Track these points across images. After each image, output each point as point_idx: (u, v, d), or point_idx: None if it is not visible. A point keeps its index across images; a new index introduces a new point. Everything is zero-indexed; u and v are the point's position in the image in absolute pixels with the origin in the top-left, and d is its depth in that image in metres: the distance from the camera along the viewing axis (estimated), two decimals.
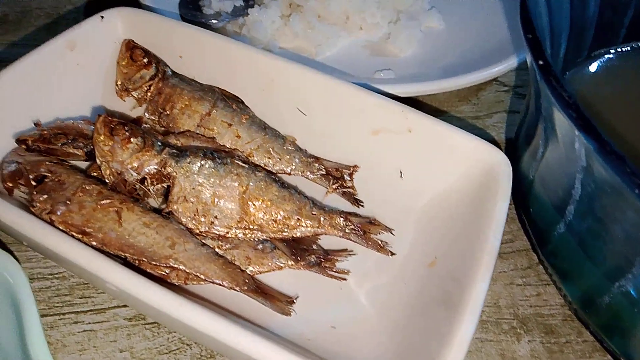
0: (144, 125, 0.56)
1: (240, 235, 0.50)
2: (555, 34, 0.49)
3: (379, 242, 0.51)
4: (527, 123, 0.51)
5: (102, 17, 0.58)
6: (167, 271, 0.46)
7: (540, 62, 0.35)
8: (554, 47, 0.50)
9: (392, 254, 0.51)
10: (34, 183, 0.47)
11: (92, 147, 0.50)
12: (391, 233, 0.52)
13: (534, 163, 0.48)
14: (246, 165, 0.51)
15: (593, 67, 0.56)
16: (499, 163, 0.47)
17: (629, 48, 0.59)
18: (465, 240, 0.46)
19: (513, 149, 0.57)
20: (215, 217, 0.50)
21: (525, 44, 0.38)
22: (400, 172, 0.54)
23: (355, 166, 0.56)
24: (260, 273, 0.49)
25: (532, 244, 0.55)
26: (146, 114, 0.57)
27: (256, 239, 0.50)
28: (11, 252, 0.53)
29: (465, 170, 0.50)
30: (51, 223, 0.44)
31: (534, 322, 0.52)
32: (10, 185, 0.47)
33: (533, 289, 0.54)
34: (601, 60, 0.57)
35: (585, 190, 0.38)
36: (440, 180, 0.52)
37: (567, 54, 0.53)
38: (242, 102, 0.58)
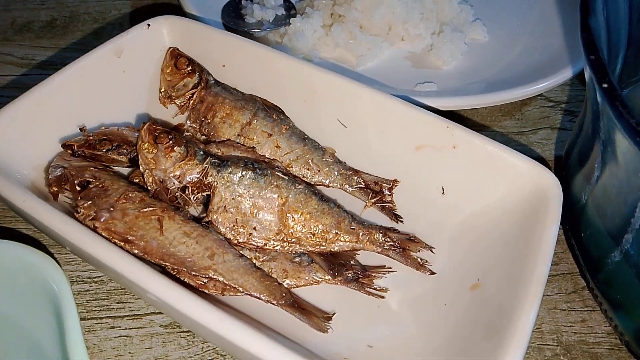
0: (186, 133, 0.56)
1: (278, 247, 0.50)
2: (612, 52, 0.47)
3: (419, 260, 0.50)
4: (581, 143, 0.49)
5: (148, 25, 0.58)
6: (205, 281, 0.46)
7: (605, 85, 0.34)
8: (610, 66, 0.48)
9: (432, 273, 0.50)
10: (78, 188, 0.48)
11: (135, 154, 0.50)
12: (431, 251, 0.51)
13: (587, 186, 0.46)
14: (286, 177, 0.51)
15: None
16: (550, 185, 0.45)
17: None
18: (511, 264, 0.44)
19: (563, 169, 0.55)
20: (254, 228, 0.49)
21: (587, 65, 0.37)
22: (443, 188, 0.53)
23: (395, 180, 0.55)
24: (297, 287, 0.49)
25: (580, 269, 0.52)
26: (188, 122, 0.57)
27: (294, 252, 0.50)
28: (51, 254, 0.54)
29: (512, 190, 0.48)
30: (94, 229, 0.45)
31: (578, 350, 0.49)
32: (56, 190, 0.48)
33: (578, 314, 0.52)
34: None
35: None
36: (484, 199, 0.50)
37: (623, 73, 0.51)
38: (283, 113, 0.58)
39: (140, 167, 0.49)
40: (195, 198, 0.50)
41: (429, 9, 0.76)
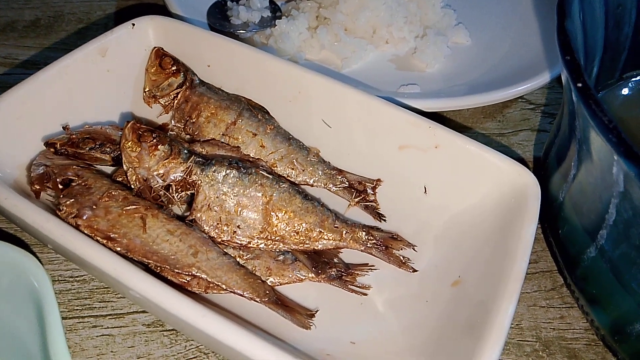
0: (170, 132, 0.56)
1: (262, 245, 0.50)
2: (589, 55, 0.48)
3: (401, 257, 0.51)
4: (559, 143, 0.50)
5: (133, 24, 0.58)
6: (188, 279, 0.46)
7: (579, 85, 0.35)
8: (587, 68, 0.49)
9: (414, 270, 0.50)
10: (61, 186, 0.48)
11: (119, 152, 0.50)
12: (413, 249, 0.52)
13: (564, 184, 0.48)
14: (270, 176, 0.51)
15: (625, 90, 0.55)
16: (528, 184, 0.46)
17: None
18: (491, 261, 0.45)
19: (542, 169, 0.57)
20: (238, 227, 0.49)
21: (563, 66, 0.38)
22: (425, 188, 0.53)
23: (378, 180, 0.56)
24: (281, 284, 0.49)
25: (558, 267, 0.53)
26: (172, 121, 0.57)
27: (277, 250, 0.50)
28: (33, 253, 0.53)
29: (492, 189, 0.49)
30: (77, 227, 0.44)
31: (557, 346, 0.50)
32: (38, 188, 0.48)
33: (556, 311, 0.53)
34: (633, 82, 0.56)
35: (621, 215, 0.37)
36: (465, 198, 0.51)
37: (599, 75, 0.53)
38: (268, 113, 0.58)
39: (124, 166, 0.49)
40: (179, 196, 0.50)
41: (413, 12, 0.77)
